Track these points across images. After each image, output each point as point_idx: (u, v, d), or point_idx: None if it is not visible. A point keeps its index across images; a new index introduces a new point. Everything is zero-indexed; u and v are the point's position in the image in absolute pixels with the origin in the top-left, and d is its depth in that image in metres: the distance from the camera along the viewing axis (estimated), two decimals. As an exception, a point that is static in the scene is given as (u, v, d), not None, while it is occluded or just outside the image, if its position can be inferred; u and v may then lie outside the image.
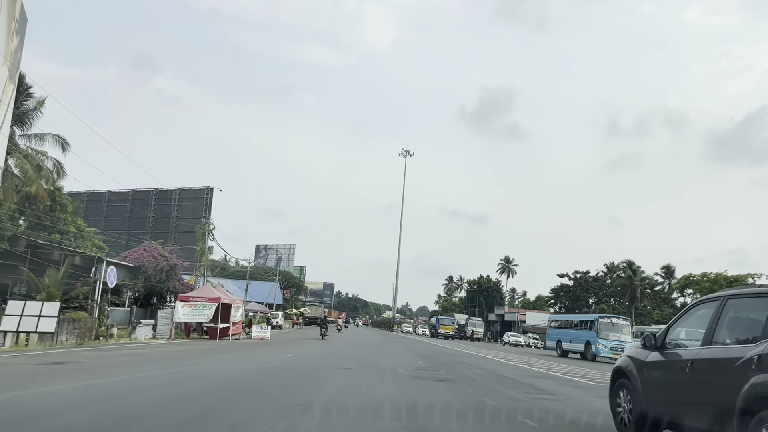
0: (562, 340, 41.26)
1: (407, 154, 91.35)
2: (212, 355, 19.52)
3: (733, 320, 6.12)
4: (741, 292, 6.43)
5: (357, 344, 34.93)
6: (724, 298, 6.33)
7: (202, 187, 63.01)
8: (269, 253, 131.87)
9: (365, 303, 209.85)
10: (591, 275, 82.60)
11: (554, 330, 43.49)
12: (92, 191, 68.28)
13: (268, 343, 30.77)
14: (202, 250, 47.93)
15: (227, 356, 19.45)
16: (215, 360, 17.30)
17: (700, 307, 6.89)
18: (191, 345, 25.40)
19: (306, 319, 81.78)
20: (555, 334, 42.91)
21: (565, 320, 44.78)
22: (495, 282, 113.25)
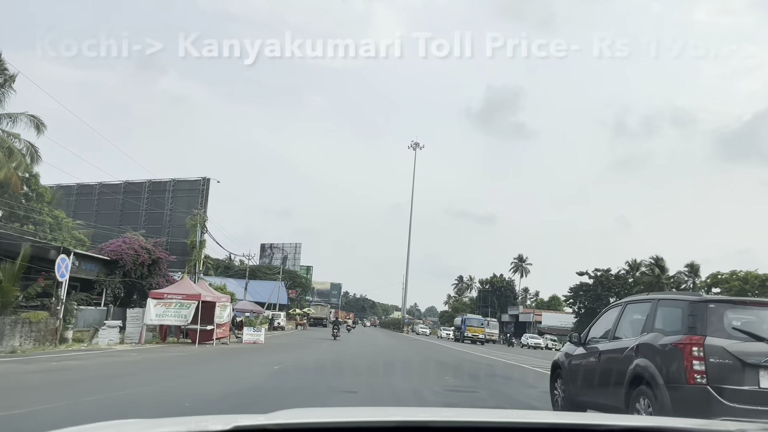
0: None
1: (417, 146, 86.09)
2: (166, 370, 14.32)
3: (629, 320, 7.93)
4: (635, 299, 8.37)
5: (364, 350, 29.69)
6: (625, 304, 8.34)
7: (197, 178, 57.90)
8: (275, 252, 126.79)
9: (373, 303, 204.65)
10: (612, 273, 76.98)
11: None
12: (83, 184, 63.57)
13: (259, 349, 25.59)
14: (194, 244, 42.86)
15: (186, 371, 14.24)
16: (160, 379, 12.09)
17: (611, 311, 8.73)
18: (158, 353, 20.25)
19: (311, 320, 76.56)
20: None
21: None
22: (508, 281, 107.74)
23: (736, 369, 6.20)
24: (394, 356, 24.42)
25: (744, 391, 6.14)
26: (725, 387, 6.15)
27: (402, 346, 37.59)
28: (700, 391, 6.17)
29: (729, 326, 6.50)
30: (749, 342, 6.35)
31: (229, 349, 24.06)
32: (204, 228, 44.10)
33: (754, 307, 7.13)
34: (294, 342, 33.66)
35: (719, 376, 6.19)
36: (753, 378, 6.18)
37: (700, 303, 6.73)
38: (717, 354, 6.23)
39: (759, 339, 6.38)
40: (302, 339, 38.95)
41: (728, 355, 6.22)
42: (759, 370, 6.18)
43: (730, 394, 6.11)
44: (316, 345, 31.08)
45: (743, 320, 6.67)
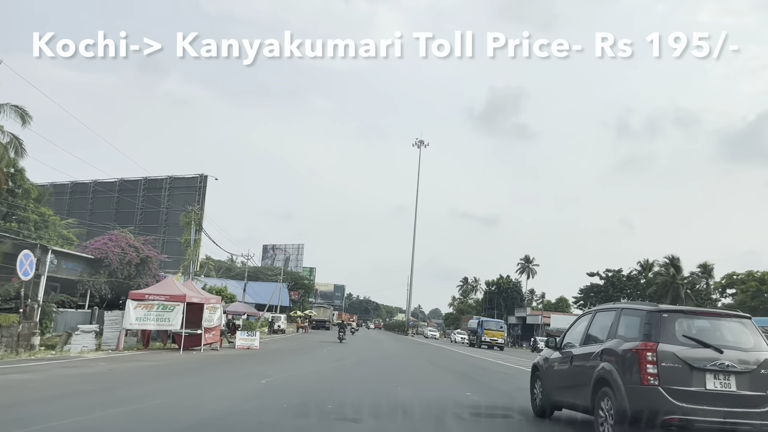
0: None
1: (421, 144, 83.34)
2: (127, 387, 11.63)
3: (598, 327, 8.49)
4: (603, 308, 9.00)
5: (368, 357, 27.00)
6: (595, 312, 9.11)
7: (194, 175, 55.42)
8: (277, 253, 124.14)
9: (377, 305, 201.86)
10: (623, 274, 74.23)
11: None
12: (77, 182, 61.11)
13: (252, 356, 22.93)
14: (188, 242, 40.24)
15: (151, 389, 11.57)
16: (108, 402, 9.37)
17: (583, 318, 9.42)
18: (132, 362, 17.59)
19: (313, 323, 73.87)
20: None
21: None
22: (515, 282, 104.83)
23: (685, 372, 6.88)
24: (402, 366, 21.71)
25: (691, 392, 6.82)
26: (675, 388, 6.83)
27: (410, 352, 34.82)
28: (653, 392, 6.84)
29: (680, 334, 7.21)
30: (697, 348, 7.05)
31: (217, 357, 21.39)
32: (198, 226, 41.50)
33: (704, 316, 7.80)
34: (291, 347, 30.97)
35: (670, 378, 6.86)
36: (700, 380, 6.88)
37: (655, 312, 7.40)
38: (668, 359, 6.92)
39: (706, 345, 7.08)
40: (301, 343, 36.25)
41: (678, 359, 6.92)
42: (705, 374, 6.89)
43: (679, 395, 6.79)
44: (314, 351, 28.40)
45: (693, 328, 7.39)
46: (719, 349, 7.07)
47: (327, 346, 34.55)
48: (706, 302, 70.58)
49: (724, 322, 7.65)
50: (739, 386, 6.95)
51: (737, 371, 6.98)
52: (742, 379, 6.97)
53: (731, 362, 6.98)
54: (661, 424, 6.82)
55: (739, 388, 6.95)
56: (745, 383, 6.96)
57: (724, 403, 6.84)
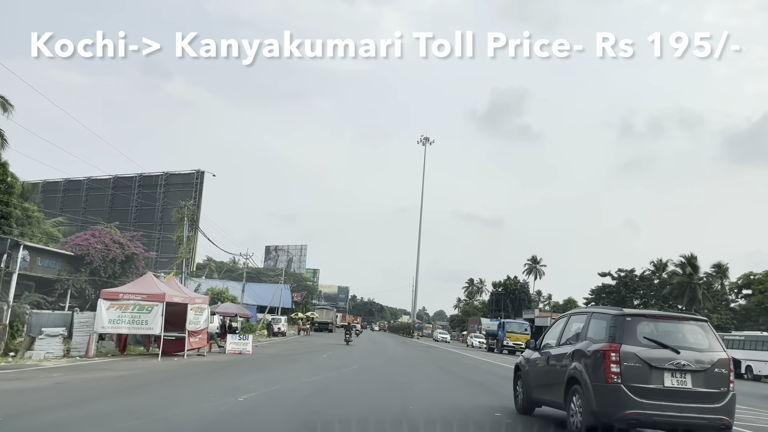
0: None
1: (427, 141, 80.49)
2: (52, 411, 8.86)
3: (572, 329, 9.14)
4: (577, 311, 9.89)
5: (372, 364, 24.22)
6: (570, 315, 9.81)
7: (191, 171, 52.75)
8: (280, 254, 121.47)
9: (381, 307, 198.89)
10: (636, 274, 71.14)
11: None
12: (71, 179, 58.52)
13: (241, 363, 20.17)
14: (180, 239, 37.52)
15: (87, 411, 8.81)
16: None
17: (560, 321, 9.99)
18: (94, 372, 14.85)
19: (315, 325, 71.04)
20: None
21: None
22: (522, 283, 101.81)
23: (645, 371, 7.53)
24: (411, 374, 18.88)
25: (651, 389, 7.47)
26: (636, 386, 7.47)
27: (419, 356, 31.98)
28: (616, 389, 7.49)
29: (641, 336, 7.81)
30: (656, 349, 7.69)
31: (200, 365, 18.63)
32: (192, 222, 38.80)
33: (663, 320, 8.41)
34: (288, 352, 28.18)
35: (631, 376, 7.50)
36: (658, 378, 7.52)
37: (619, 316, 8.05)
38: (630, 359, 7.56)
39: (664, 346, 7.71)
40: (300, 347, 33.47)
41: (639, 359, 7.56)
42: (663, 372, 7.54)
43: (640, 392, 7.44)
44: (313, 356, 25.63)
45: (654, 331, 7.95)
46: (676, 349, 7.64)
47: (328, 350, 31.76)
48: (722, 303, 67.57)
49: (683, 325, 8.25)
50: (694, 384, 7.54)
51: (693, 370, 7.56)
52: (698, 377, 7.56)
53: (687, 362, 7.57)
54: (623, 418, 7.39)
55: (694, 385, 7.53)
56: (700, 381, 7.55)
57: (680, 400, 7.42)
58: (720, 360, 7.75)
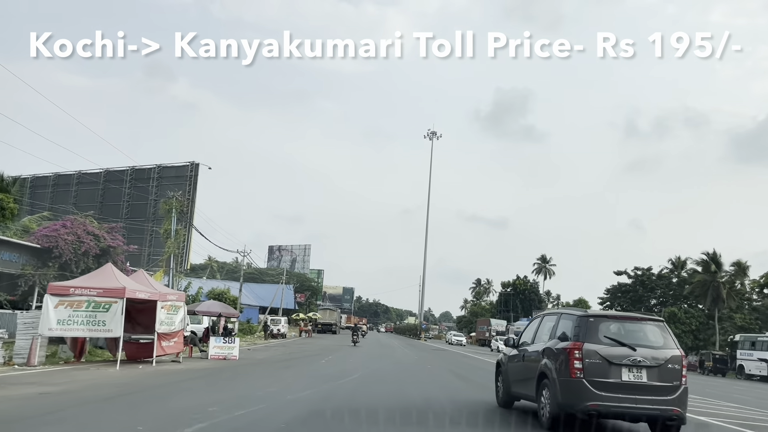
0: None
1: (434, 135, 76.83)
2: None
3: (545, 329, 9.73)
4: (549, 312, 10.55)
5: (378, 370, 20.66)
6: (543, 315, 10.69)
7: (184, 163, 49.33)
8: (283, 254, 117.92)
9: (386, 308, 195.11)
10: (653, 272, 67.30)
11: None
12: (60, 173, 55.24)
13: (220, 371, 16.65)
14: (168, 233, 34.12)
15: None
16: None
17: (534, 321, 10.89)
18: (18, 387, 11.32)
19: (319, 326, 67.44)
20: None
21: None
22: (532, 283, 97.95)
23: (605, 367, 8.20)
24: (425, 385, 15.20)
25: (610, 383, 8.14)
26: (596, 380, 8.16)
27: (431, 361, 28.33)
28: (579, 383, 8.16)
29: (603, 335, 8.49)
30: (615, 347, 8.37)
31: (165, 375, 15.08)
32: (182, 215, 35.38)
33: (623, 320, 9.09)
34: (282, 356, 24.61)
35: (593, 372, 8.18)
36: (617, 373, 8.18)
37: (583, 317, 8.77)
38: (591, 356, 8.24)
39: (622, 344, 8.39)
40: (298, 351, 29.92)
41: (599, 356, 8.25)
42: (621, 368, 8.19)
43: (600, 385, 8.12)
44: (309, 362, 22.08)
45: (615, 330, 8.66)
46: (633, 347, 8.36)
47: (329, 353, 28.22)
48: (745, 302, 63.72)
49: (642, 324, 8.95)
50: (649, 378, 8.25)
51: (648, 365, 8.27)
52: (652, 372, 8.27)
53: (643, 358, 8.28)
54: (584, 409, 8.11)
55: (649, 379, 8.25)
56: (654, 375, 8.27)
57: (636, 392, 8.15)
58: (673, 356, 8.41)
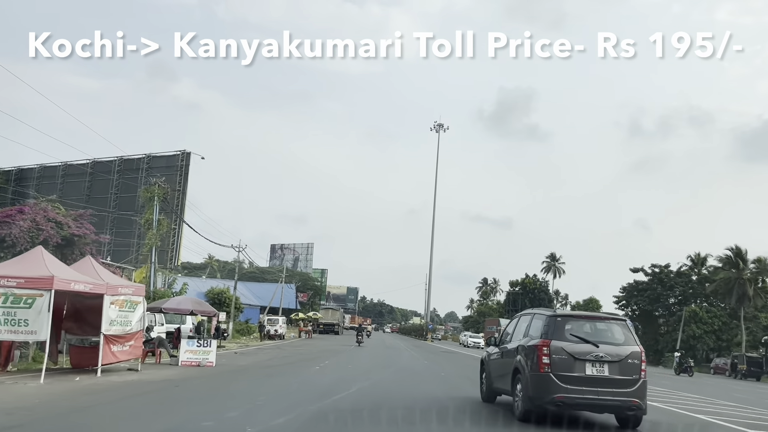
0: None
1: (441, 128, 72.91)
2: None
3: (521, 328, 10.35)
4: (525, 312, 11.07)
5: (382, 381, 16.92)
6: (520, 316, 11.18)
7: (175, 153, 45.80)
8: (286, 253, 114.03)
9: (391, 308, 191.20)
10: (672, 269, 63.28)
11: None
12: (45, 165, 51.71)
13: (180, 386, 12.90)
14: (150, 223, 30.48)
15: None
16: None
17: (513, 321, 11.36)
18: None
19: (321, 326, 63.65)
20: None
21: None
22: (542, 282, 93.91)
23: (570, 362, 8.79)
24: (448, 412, 11.32)
25: (574, 376, 8.73)
26: (562, 374, 8.72)
27: (444, 367, 24.47)
28: (547, 378, 8.73)
29: (569, 333, 9.06)
30: (580, 344, 8.97)
31: (100, 391, 11.34)
32: (164, 202, 31.73)
33: (588, 319, 9.86)
34: (272, 361, 20.84)
35: (559, 366, 8.74)
36: (581, 368, 8.78)
37: (551, 316, 9.39)
38: (558, 352, 8.80)
39: (586, 341, 9.01)
40: (292, 354, 26.16)
41: (565, 352, 8.81)
42: (585, 363, 8.80)
43: (565, 379, 8.70)
44: (299, 370, 18.26)
45: (580, 329, 9.29)
46: (596, 344, 8.96)
47: (326, 357, 24.50)
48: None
49: (605, 323, 9.65)
50: (611, 372, 8.81)
51: (609, 361, 8.85)
52: (613, 367, 8.83)
53: (605, 354, 8.87)
54: (552, 401, 8.67)
55: (611, 373, 8.81)
56: (615, 370, 8.83)
57: (599, 385, 8.74)
58: (633, 352, 9.05)
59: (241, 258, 76.77)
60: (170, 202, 38.24)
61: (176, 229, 45.12)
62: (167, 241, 44.84)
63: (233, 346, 31.16)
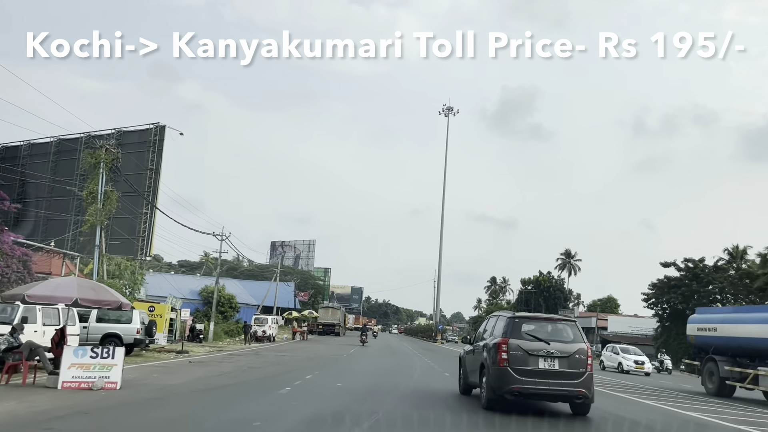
0: None
1: (450, 111, 65.82)
2: None
3: (488, 328, 11.46)
4: (494, 315, 11.99)
5: (392, 414, 9.73)
6: (489, 317, 12.22)
7: (147, 127, 39.06)
8: (286, 250, 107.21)
9: (397, 309, 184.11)
10: (707, 264, 56.15)
11: None
12: (6, 145, 45.13)
13: None
14: (94, 195, 23.80)
15: None
16: None
17: (485, 321, 12.37)
18: None
19: (320, 327, 56.79)
20: None
21: None
22: (557, 280, 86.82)
23: (525, 357, 9.87)
24: None
25: (529, 370, 9.80)
26: (518, 368, 9.80)
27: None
28: (505, 371, 9.83)
29: (524, 332, 10.21)
30: (534, 341, 10.07)
31: None
32: (113, 172, 25.04)
33: (542, 321, 11.10)
34: (223, 379, 13.88)
35: (516, 361, 9.83)
36: (534, 362, 9.86)
37: (511, 318, 10.55)
38: (515, 349, 9.91)
39: (539, 340, 10.10)
40: (264, 365, 19.29)
41: (521, 349, 9.91)
42: (538, 358, 9.86)
43: (521, 372, 9.77)
44: (254, 397, 11.12)
45: (533, 329, 10.43)
46: (548, 341, 10.07)
47: (310, 370, 17.59)
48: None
49: (556, 324, 10.75)
50: (560, 366, 9.89)
51: (559, 356, 9.92)
52: (563, 361, 9.92)
53: (555, 350, 9.94)
54: (509, 391, 9.77)
55: (560, 367, 9.89)
56: (564, 364, 9.92)
57: (550, 377, 9.82)
58: (580, 349, 10.09)
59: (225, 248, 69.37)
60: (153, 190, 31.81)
61: (148, 214, 38.55)
62: (136, 228, 38.30)
63: (201, 351, 24.38)
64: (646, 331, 61.77)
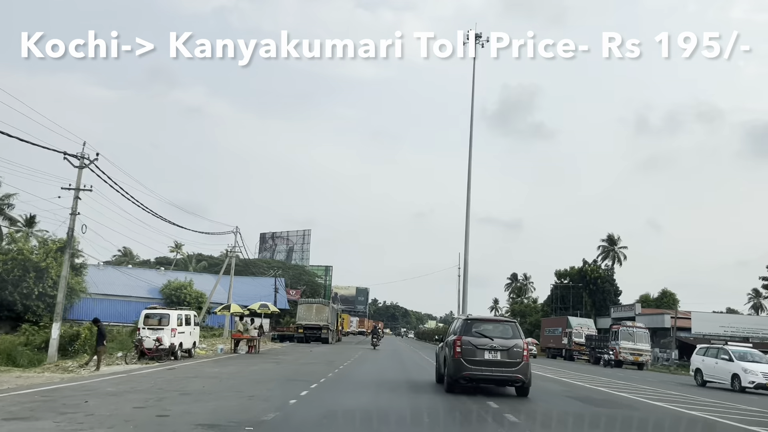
0: None
1: (478, 39, 48.10)
2: None
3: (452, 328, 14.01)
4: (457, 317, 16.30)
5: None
6: (455, 319, 15.85)
7: None
8: (278, 243, 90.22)
9: (405, 311, 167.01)
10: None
11: None
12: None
13: None
14: None
15: None
16: None
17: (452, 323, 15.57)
18: None
19: (300, 330, 39.37)
20: None
21: None
22: (606, 271, 69.24)
23: (474, 350, 12.16)
24: None
25: (477, 360, 12.11)
26: (468, 359, 12.10)
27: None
28: (459, 361, 12.11)
29: (474, 331, 12.54)
30: (481, 338, 12.32)
31: None
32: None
33: (488, 321, 13.81)
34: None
35: (467, 353, 12.12)
36: (481, 354, 12.14)
37: (465, 320, 13.26)
38: (466, 344, 12.19)
39: (485, 337, 12.34)
40: None
41: (471, 344, 12.18)
42: (484, 351, 12.13)
43: (471, 362, 12.08)
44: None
45: (481, 328, 12.75)
46: (492, 338, 12.34)
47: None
48: None
49: (500, 324, 13.25)
50: (501, 357, 12.17)
51: (501, 349, 12.18)
52: (504, 354, 12.18)
53: (498, 345, 12.23)
54: (462, 377, 12.14)
55: (502, 358, 12.17)
56: (505, 355, 12.18)
57: (493, 366, 12.17)
58: (517, 344, 12.32)
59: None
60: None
61: None
62: None
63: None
64: (747, 332, 44.05)
